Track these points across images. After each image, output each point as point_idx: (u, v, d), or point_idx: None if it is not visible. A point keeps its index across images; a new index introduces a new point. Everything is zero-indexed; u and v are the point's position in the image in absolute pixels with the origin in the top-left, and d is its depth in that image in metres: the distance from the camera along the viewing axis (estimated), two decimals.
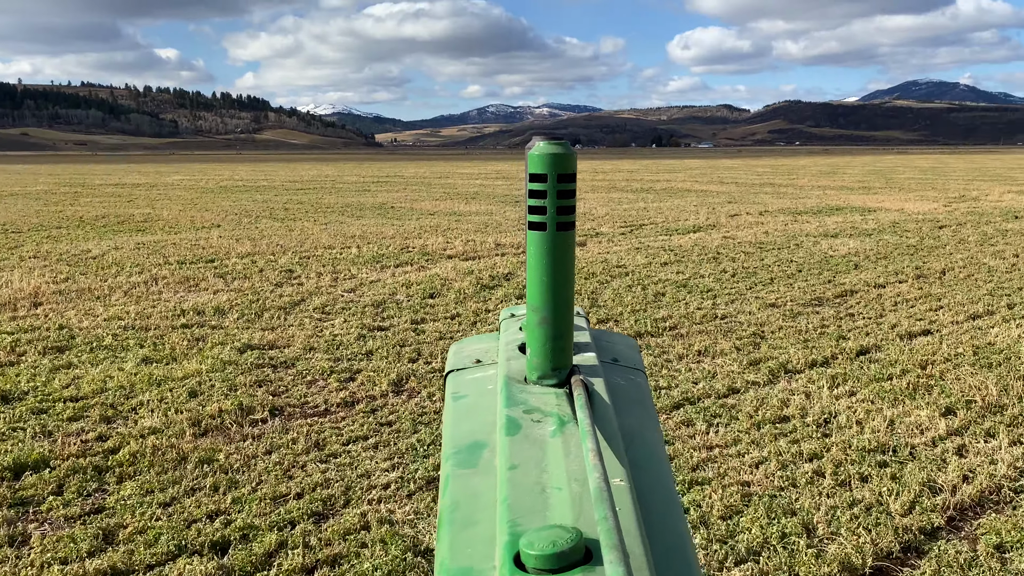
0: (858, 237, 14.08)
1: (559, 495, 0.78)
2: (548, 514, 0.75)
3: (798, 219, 17.83)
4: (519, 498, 0.78)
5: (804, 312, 7.81)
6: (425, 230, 15.67)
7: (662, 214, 19.28)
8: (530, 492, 0.79)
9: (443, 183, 35.77)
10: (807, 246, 12.94)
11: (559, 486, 0.80)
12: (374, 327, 7.33)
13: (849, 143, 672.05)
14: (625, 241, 14.04)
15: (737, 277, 9.87)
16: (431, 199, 25.09)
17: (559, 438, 0.89)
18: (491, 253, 12.38)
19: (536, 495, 0.79)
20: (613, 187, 31.82)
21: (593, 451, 0.78)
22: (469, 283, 9.48)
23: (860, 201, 23.06)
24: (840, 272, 10.27)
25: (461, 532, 0.78)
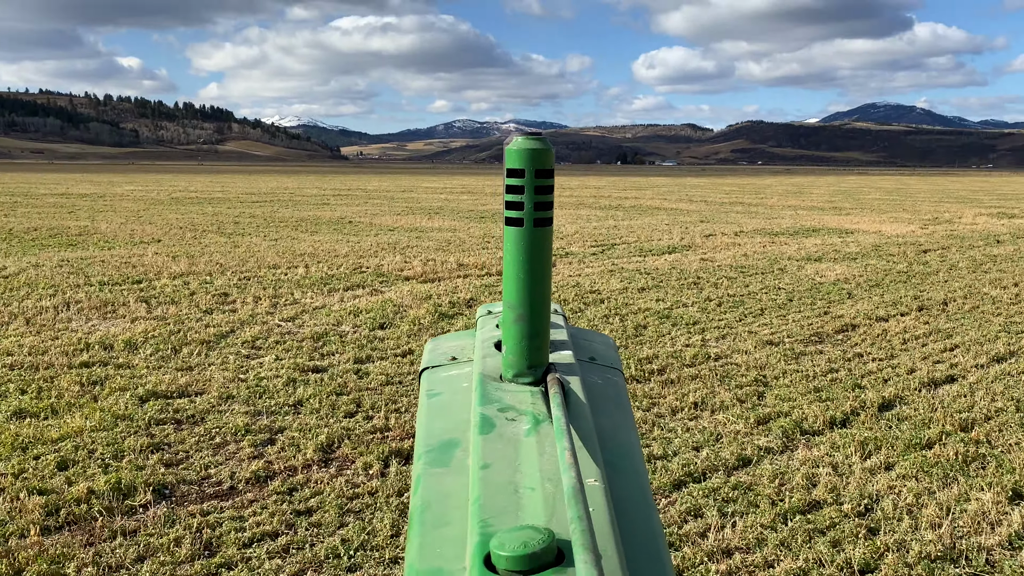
0: (843, 261, 13.28)
1: (532, 495, 0.77)
2: (520, 514, 0.73)
3: (775, 240, 17.05)
4: (491, 498, 0.76)
5: (806, 352, 6.86)
6: (383, 248, 14.54)
7: (633, 233, 18.38)
8: (503, 492, 0.77)
9: (406, 197, 34.64)
10: (791, 271, 12.08)
11: (532, 486, 0.78)
12: (309, 368, 6.20)
13: (810, 163, 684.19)
14: (597, 262, 13.06)
15: (724, 307, 8.93)
16: (392, 214, 23.96)
17: (533, 437, 0.87)
18: (453, 275, 11.31)
19: (509, 495, 0.77)
20: (581, 204, 30.98)
21: (567, 450, 0.75)
22: (426, 311, 8.40)
23: (835, 222, 22.44)
24: (834, 302, 9.39)
25: (431, 532, 0.76)
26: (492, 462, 0.83)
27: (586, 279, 10.97)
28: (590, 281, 10.84)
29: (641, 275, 11.45)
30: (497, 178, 70.52)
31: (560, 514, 0.73)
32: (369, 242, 15.57)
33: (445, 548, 0.74)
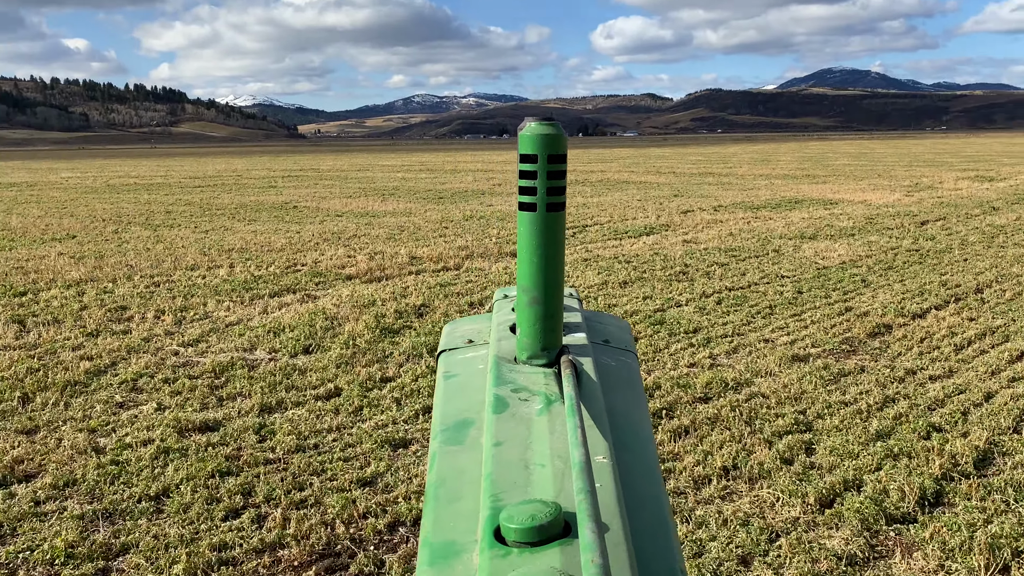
0: (841, 239, 11.92)
1: (541, 471, 0.78)
2: (530, 489, 0.74)
3: (758, 215, 15.67)
4: (502, 474, 0.78)
5: (845, 370, 5.41)
6: (326, 238, 12.85)
7: (605, 211, 16.88)
8: (513, 468, 0.79)
9: (361, 177, 32.73)
10: (788, 253, 10.67)
11: (542, 462, 0.79)
12: (196, 425, 4.59)
13: (769, 130, 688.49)
14: (569, 249, 11.54)
15: (725, 305, 7.47)
16: (343, 196, 22.15)
17: (545, 416, 0.89)
18: (403, 271, 9.71)
19: (519, 471, 0.78)
20: None
21: (577, 428, 0.76)
22: (365, 324, 6.81)
23: (814, 192, 21.17)
24: (850, 292, 7.99)
25: (446, 507, 0.78)
26: (504, 440, 0.84)
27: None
28: None
29: (620, 264, 9.95)
30: (458, 154, 68.48)
31: (568, 489, 0.73)
32: (311, 232, 13.85)
33: (458, 522, 0.75)
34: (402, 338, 6.44)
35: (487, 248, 11.47)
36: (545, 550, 0.66)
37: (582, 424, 0.78)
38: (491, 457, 0.82)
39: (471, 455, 0.87)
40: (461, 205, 19.02)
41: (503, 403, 0.93)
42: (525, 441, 0.85)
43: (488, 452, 0.83)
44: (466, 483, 0.82)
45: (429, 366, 5.55)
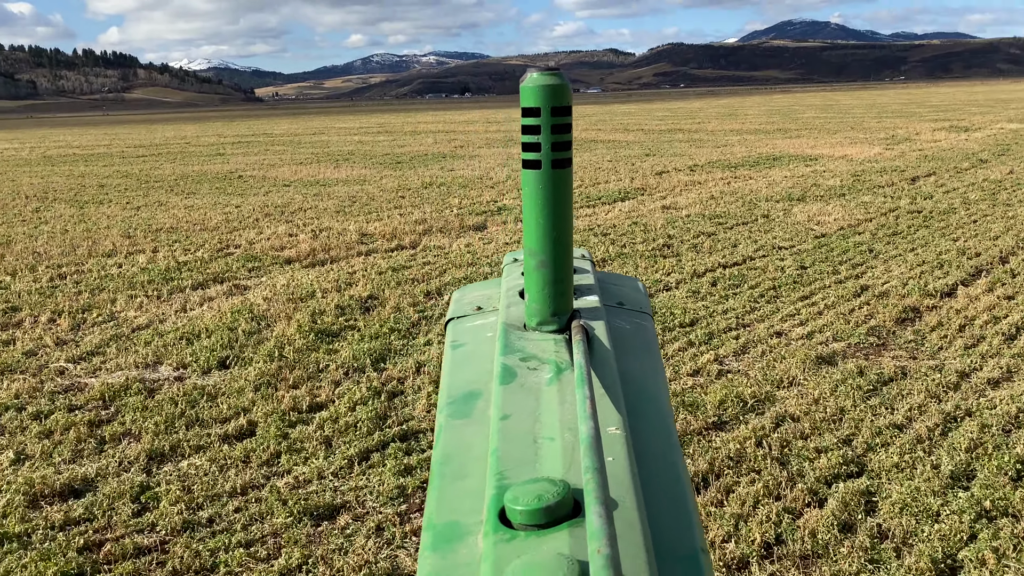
0: (832, 200, 10.95)
1: (550, 446, 0.74)
2: (538, 465, 0.71)
3: (737, 175, 14.68)
4: (509, 449, 0.74)
5: (884, 376, 4.42)
6: (268, 214, 11.58)
7: (575, 174, 15.75)
8: (521, 443, 0.75)
9: (315, 141, 31.12)
10: (778, 218, 9.69)
11: (551, 436, 0.76)
12: (54, 489, 3.47)
13: (731, 83, 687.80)
14: None
15: (721, 286, 6.45)
16: (293, 163, 20.71)
17: (555, 386, 0.85)
18: (351, 252, 8.54)
19: (527, 446, 0.74)
20: (510, 140, 28.10)
21: (587, 399, 0.73)
22: (299, 325, 5.68)
23: (790, 147, 20.23)
24: (857, 265, 7.02)
25: (450, 485, 0.74)
26: (512, 412, 0.80)
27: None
28: None
29: (596, 237, 8.89)
30: (418, 114, 66.49)
31: (578, 464, 0.69)
32: (253, 205, 12.55)
33: (463, 502, 0.72)
34: (342, 344, 5.33)
35: (447, 221, 10.32)
36: (553, 533, 0.62)
37: (591, 394, 0.74)
38: (497, 431, 0.77)
39: (478, 429, 0.82)
40: (420, 171, 17.75)
41: (511, 373, 0.88)
42: (534, 413, 0.80)
43: (495, 426, 0.79)
44: (473, 459, 0.77)
45: (372, 387, 4.46)
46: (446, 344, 1.05)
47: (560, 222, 0.92)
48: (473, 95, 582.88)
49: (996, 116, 32.20)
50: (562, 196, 0.91)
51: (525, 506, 0.62)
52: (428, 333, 5.50)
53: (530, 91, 0.89)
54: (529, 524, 0.62)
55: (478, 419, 0.85)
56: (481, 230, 9.83)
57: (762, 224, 9.31)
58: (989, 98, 57.92)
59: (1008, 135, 22.07)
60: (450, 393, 0.92)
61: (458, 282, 6.95)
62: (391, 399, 4.30)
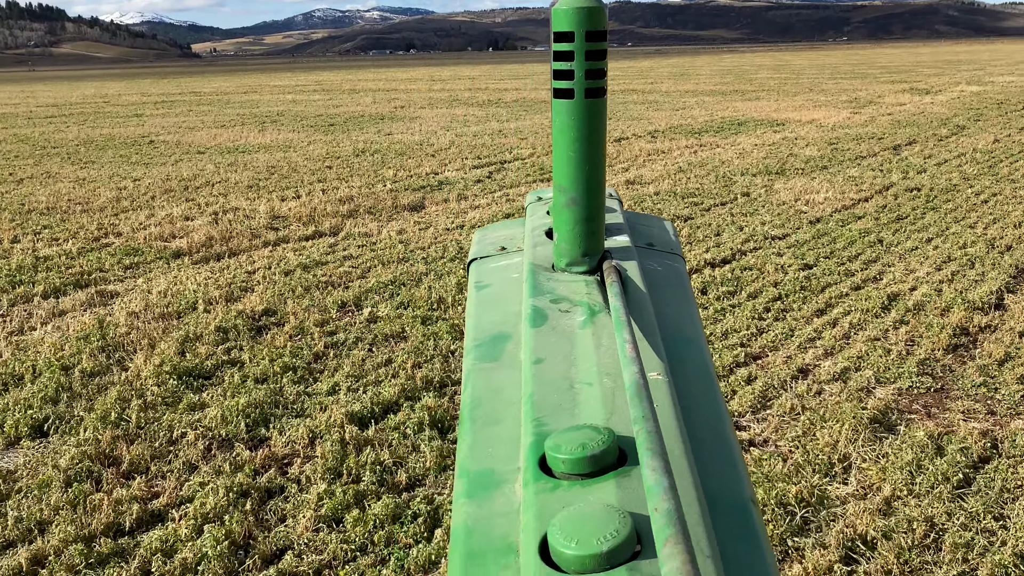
0: (814, 174, 9.75)
1: (589, 391, 0.72)
2: (577, 412, 0.69)
3: (703, 142, 13.41)
4: (545, 394, 0.71)
5: (968, 454, 3.17)
6: (169, 189, 9.89)
7: (526, 140, 14.29)
8: (557, 388, 0.73)
9: (244, 100, 28.91)
10: (760, 196, 8.43)
11: (589, 381, 0.73)
12: None
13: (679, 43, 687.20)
14: (486, 196, 9.01)
15: (714, 295, 5.15)
16: (215, 126, 18.76)
17: (589, 329, 0.82)
18: (256, 242, 7.01)
19: (564, 391, 0.72)
20: (456, 100, 26.39)
21: (628, 343, 0.70)
22: (160, 362, 4.20)
23: (753, 110, 19.05)
24: (871, 262, 5.81)
25: (483, 431, 0.72)
26: (545, 356, 0.77)
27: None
28: None
29: None
30: (360, 71, 63.69)
31: (620, 411, 0.68)
32: (155, 178, 10.81)
33: (497, 448, 0.69)
34: (213, 393, 3.87)
35: (378, 199, 8.81)
36: (598, 482, 0.59)
37: (633, 338, 0.71)
38: (531, 376, 0.74)
39: (508, 373, 0.79)
40: (354, 135, 16.07)
41: (542, 315, 0.85)
42: (568, 357, 0.77)
43: (528, 370, 0.76)
44: (504, 404, 0.75)
45: (237, 483, 3.02)
46: (470, 284, 1.03)
47: (593, 156, 0.88)
48: (418, 52, 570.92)
49: (951, 78, 31.60)
50: (596, 128, 0.87)
51: (568, 454, 0.60)
52: (336, 372, 4.09)
53: (563, 14, 0.84)
54: (572, 473, 0.60)
55: (508, 362, 0.81)
56: (418, 210, 8.37)
57: (743, 205, 8.04)
58: (935, 59, 57.79)
59: (972, 98, 21.28)
60: (477, 335, 0.88)
61: (383, 287, 5.52)
62: (262, 504, 2.90)
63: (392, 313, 4.91)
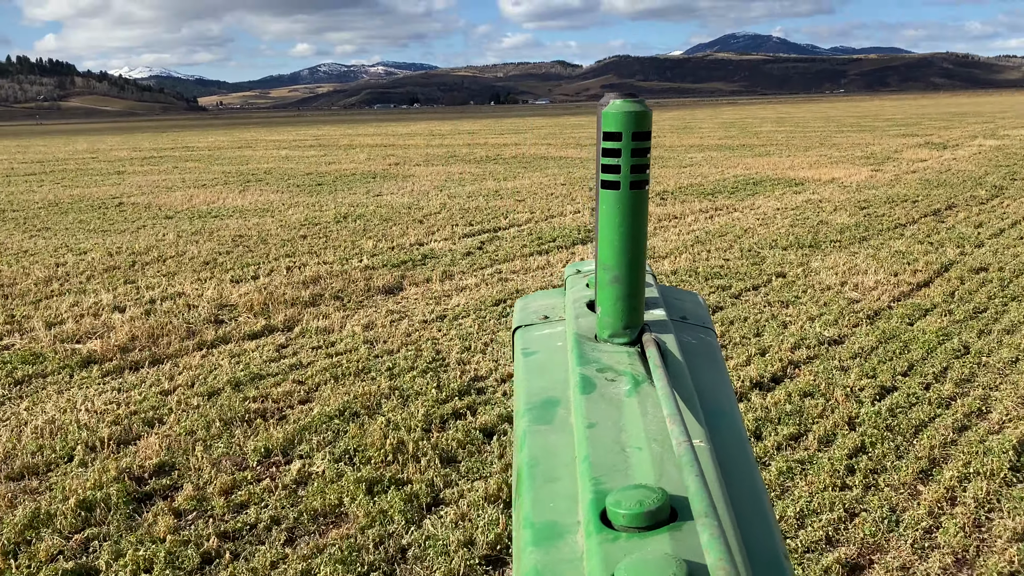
0: (854, 247, 8.49)
1: (639, 454, 0.77)
2: (630, 473, 0.74)
3: (717, 205, 12.22)
4: (600, 456, 0.77)
5: None
6: (111, 266, 8.63)
7: (523, 202, 13.11)
8: (610, 451, 0.78)
9: (236, 156, 27.94)
10: (797, 277, 7.15)
11: (639, 445, 0.78)
12: None
13: (677, 95, 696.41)
14: (474, 275, 7.74)
15: (771, 439, 3.81)
16: (195, 185, 17.63)
17: (635, 398, 0.88)
18: (191, 342, 5.69)
19: (616, 454, 0.77)
20: (453, 156, 25.40)
21: (671, 416, 0.76)
22: None
23: (766, 167, 17.93)
24: (962, 380, 4.48)
25: (543, 487, 0.77)
26: (597, 421, 0.83)
27: (454, 342, 5.60)
28: (463, 348, 5.52)
29: None
30: (360, 126, 63.32)
31: (668, 473, 0.73)
32: (104, 249, 9.57)
33: (558, 503, 0.74)
34: None
35: (350, 279, 7.54)
36: (654, 535, 0.66)
37: (678, 409, 0.77)
38: (586, 439, 0.80)
39: (561, 436, 0.85)
40: (341, 196, 14.92)
41: (590, 383, 0.90)
42: (618, 423, 0.83)
43: (581, 433, 0.81)
44: (560, 464, 0.80)
45: None
46: (517, 351, 1.07)
47: (635, 240, 0.95)
48: (422, 105, 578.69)
49: (964, 131, 30.69)
50: (639, 215, 0.94)
51: (628, 510, 0.65)
52: None
53: (612, 116, 0.92)
54: (631, 527, 0.65)
55: (560, 426, 0.87)
56: (394, 294, 7.09)
57: (780, 289, 6.75)
58: (940, 111, 57.30)
59: (995, 153, 20.21)
60: (529, 399, 0.93)
61: (326, 421, 4.18)
62: None
63: (330, 470, 3.58)
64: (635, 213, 0.93)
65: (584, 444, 0.79)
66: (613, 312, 0.98)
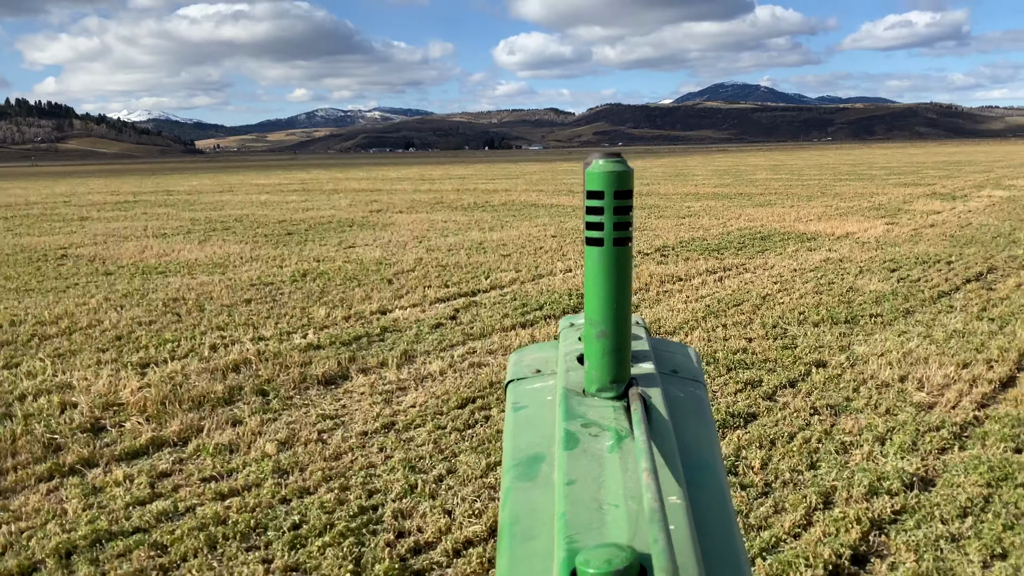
0: (899, 324, 7.08)
1: (615, 512, 0.78)
2: (604, 531, 0.75)
3: (725, 264, 10.84)
4: (576, 514, 0.77)
5: None
6: (3, 342, 7.15)
7: (509, 257, 11.72)
8: (587, 508, 0.78)
9: (213, 201, 26.58)
10: (840, 366, 5.71)
11: (616, 503, 0.79)
12: None
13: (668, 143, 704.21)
14: (440, 353, 6.27)
15: None
16: (154, 235, 16.19)
17: (616, 454, 0.88)
18: (40, 469, 4.20)
19: (593, 511, 0.78)
20: (440, 202, 24.11)
21: (647, 471, 0.76)
22: None
23: (772, 219, 16.64)
24: None
25: (521, 546, 0.78)
26: (577, 478, 0.83)
27: (396, 474, 4.11)
28: (406, 486, 4.04)
29: None
30: (351, 170, 62.30)
31: (642, 532, 0.73)
32: (10, 315, 8.07)
33: (533, 562, 0.75)
34: None
35: (283, 364, 6.06)
36: None
37: (653, 464, 0.77)
38: (564, 496, 0.80)
39: (544, 492, 0.85)
40: (308, 248, 13.51)
41: (574, 439, 0.90)
42: (598, 480, 0.82)
43: (561, 491, 0.81)
44: (540, 521, 0.81)
45: None
46: (507, 405, 1.08)
47: (620, 295, 0.96)
48: (417, 150, 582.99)
49: (966, 181, 29.68)
50: (623, 271, 0.95)
51: (596, 569, 0.65)
52: None
53: (596, 176, 0.94)
54: None
55: (543, 483, 0.87)
56: (335, 385, 5.62)
57: (823, 386, 5.31)
58: (933, 160, 56.68)
59: (1008, 205, 19.03)
60: (515, 456, 0.94)
61: None
62: None
63: None
64: (619, 268, 0.95)
65: (563, 501, 0.79)
66: (600, 366, 0.98)
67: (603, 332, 0.96)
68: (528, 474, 0.89)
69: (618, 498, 0.79)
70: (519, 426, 1.00)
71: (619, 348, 0.97)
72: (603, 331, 0.96)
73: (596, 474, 0.83)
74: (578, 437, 0.90)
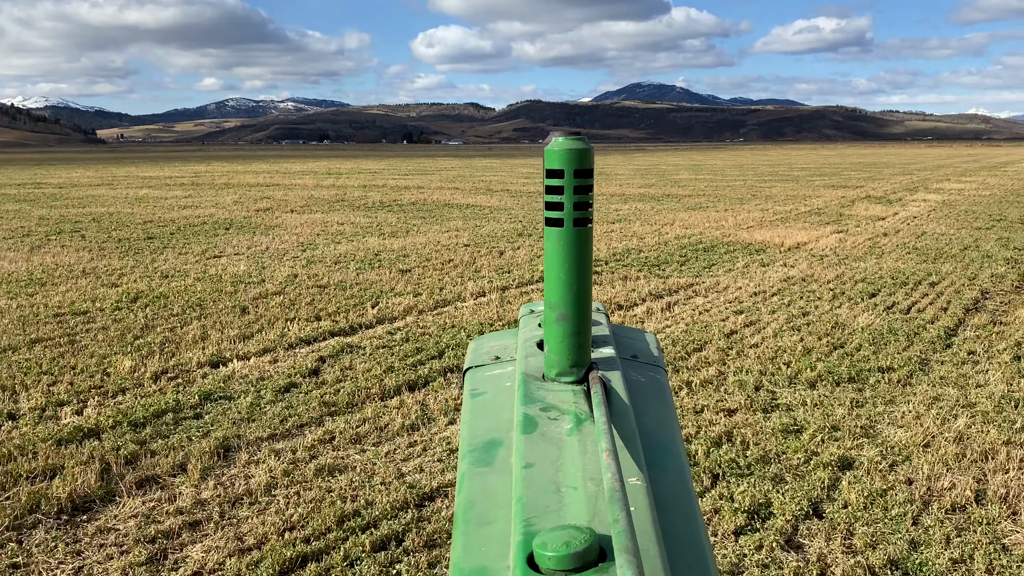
0: (918, 384, 5.25)
1: (574, 494, 0.76)
2: (563, 513, 0.73)
3: (669, 284, 8.95)
4: (534, 497, 0.76)
5: None
6: None
7: (407, 274, 9.51)
8: (545, 491, 0.77)
9: (82, 196, 23.26)
10: (874, 469, 3.80)
11: (574, 485, 0.78)
12: None
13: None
14: (276, 444, 4.05)
15: None
16: None
17: (575, 436, 0.87)
18: None
19: (551, 494, 0.76)
20: (341, 200, 21.60)
21: (608, 451, 0.75)
22: None
23: (709, 225, 14.93)
24: None
25: (476, 531, 0.76)
26: (535, 461, 0.82)
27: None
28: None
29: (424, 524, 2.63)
30: (254, 163, 58.54)
31: (602, 513, 0.72)
32: None
33: (489, 547, 0.73)
34: None
35: (17, 472, 3.74)
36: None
37: (613, 446, 0.75)
38: (521, 480, 0.78)
39: (500, 477, 0.83)
40: (161, 258, 10.97)
41: (532, 423, 0.89)
42: (556, 463, 0.81)
43: (518, 474, 0.79)
44: (496, 506, 0.79)
45: None
46: (465, 392, 1.06)
47: (580, 277, 0.94)
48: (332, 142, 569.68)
49: (891, 183, 29.09)
50: (583, 252, 0.93)
51: (554, 552, 0.63)
52: None
53: (555, 154, 0.91)
54: (558, 569, 0.63)
55: (500, 467, 0.85)
56: (84, 518, 3.34)
57: (862, 511, 3.36)
58: (848, 162, 57.17)
59: (949, 210, 17.98)
60: (471, 441, 0.91)
61: None
62: None
63: None
64: (579, 250, 0.92)
65: (520, 485, 0.77)
66: (560, 351, 0.96)
67: (563, 315, 0.95)
68: (484, 459, 0.87)
69: (577, 480, 0.77)
70: (476, 412, 0.99)
71: (579, 331, 0.96)
72: (563, 314, 0.95)
73: (555, 457, 0.82)
74: (537, 421, 0.89)
